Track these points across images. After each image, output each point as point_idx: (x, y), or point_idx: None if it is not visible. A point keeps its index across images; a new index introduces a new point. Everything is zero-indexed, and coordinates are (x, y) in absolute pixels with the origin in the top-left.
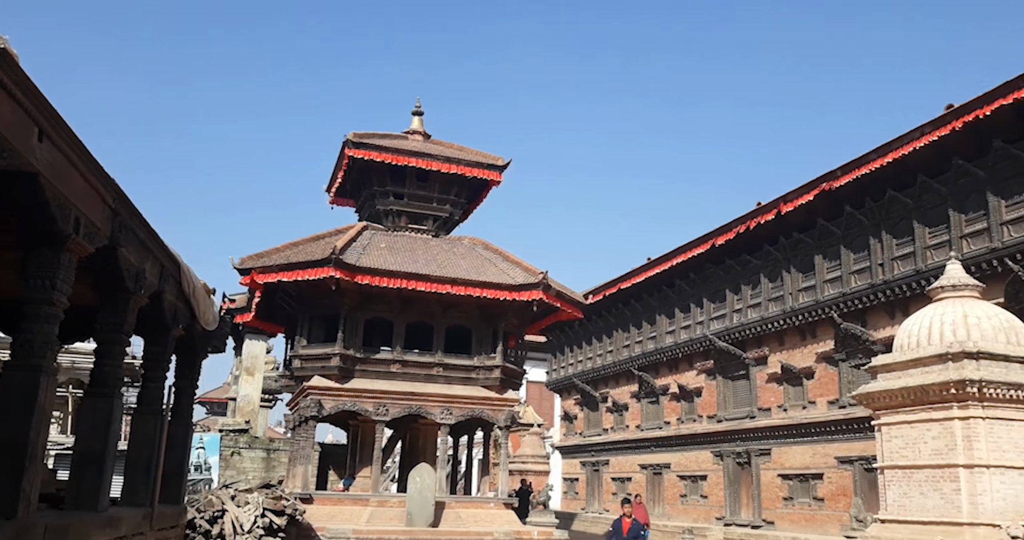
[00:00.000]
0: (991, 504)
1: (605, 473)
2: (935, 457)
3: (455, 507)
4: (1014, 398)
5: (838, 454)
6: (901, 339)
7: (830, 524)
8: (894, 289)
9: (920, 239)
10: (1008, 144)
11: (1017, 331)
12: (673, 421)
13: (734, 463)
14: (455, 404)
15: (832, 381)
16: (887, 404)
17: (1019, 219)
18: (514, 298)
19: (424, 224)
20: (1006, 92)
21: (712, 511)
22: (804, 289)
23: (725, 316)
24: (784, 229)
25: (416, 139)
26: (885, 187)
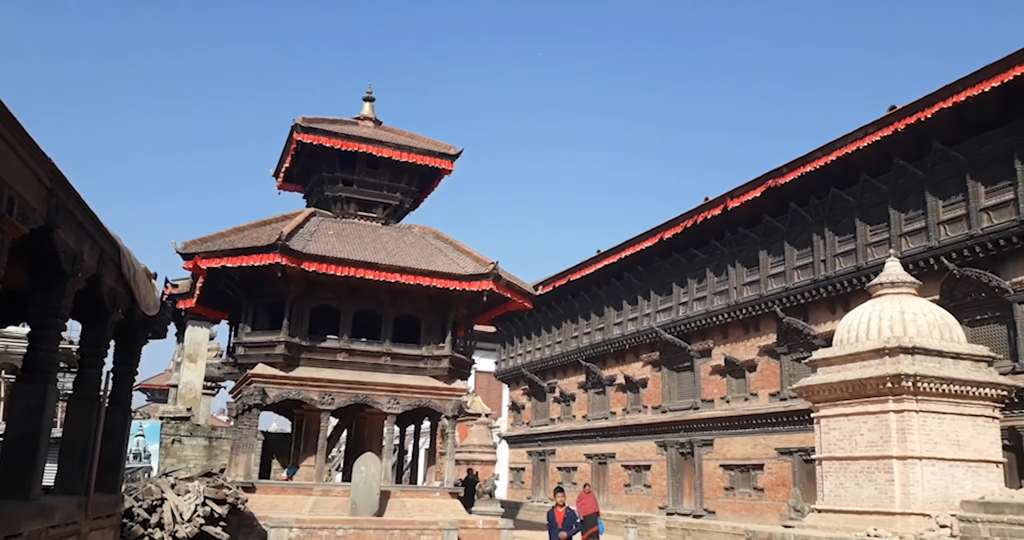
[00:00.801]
0: (922, 494)
1: (551, 463)
2: (871, 449)
3: (400, 497)
4: (946, 392)
5: (778, 445)
6: (841, 334)
7: (769, 514)
8: (835, 285)
9: (861, 236)
10: (947, 146)
11: (951, 327)
12: (619, 412)
13: (677, 453)
14: (403, 394)
15: (774, 374)
16: (826, 397)
17: (955, 219)
18: (464, 288)
19: (374, 212)
20: (946, 96)
21: (655, 500)
22: (748, 283)
23: (671, 309)
24: (730, 224)
25: (367, 125)
26: (829, 185)
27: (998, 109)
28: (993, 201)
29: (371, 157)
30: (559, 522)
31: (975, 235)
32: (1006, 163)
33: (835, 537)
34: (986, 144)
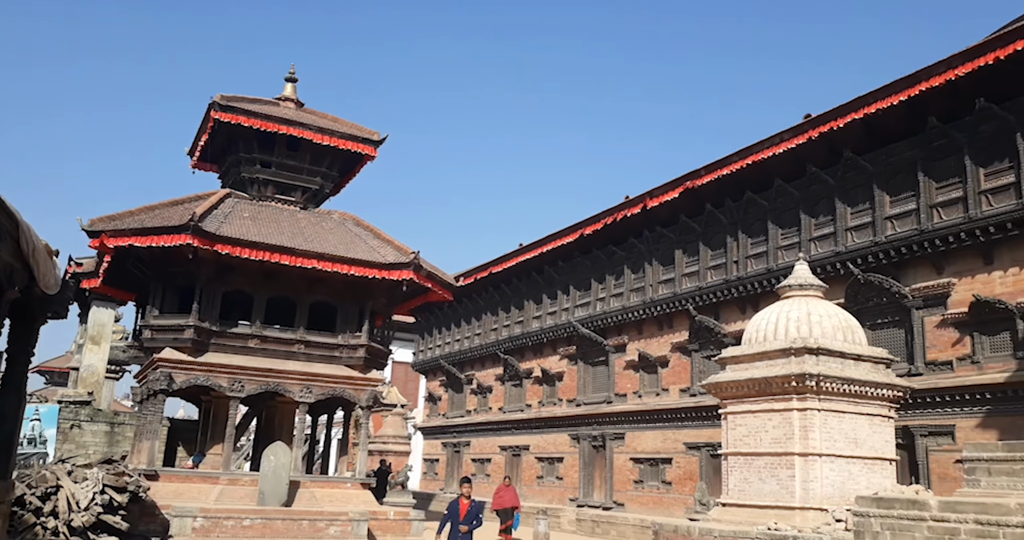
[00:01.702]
0: (821, 490)
1: (466, 454)
2: (774, 445)
3: (310, 487)
4: (847, 392)
5: (687, 440)
6: (750, 333)
7: (676, 507)
8: (746, 285)
9: (773, 239)
10: (857, 155)
11: (854, 330)
12: (535, 404)
13: (590, 446)
14: (316, 382)
15: (685, 370)
16: (734, 394)
17: (862, 226)
18: (383, 277)
19: (292, 195)
20: (858, 107)
21: (567, 492)
22: (664, 281)
23: (589, 304)
24: (649, 223)
25: (288, 106)
26: (744, 188)
27: (905, 122)
28: (897, 210)
29: (291, 139)
30: (462, 514)
31: (879, 242)
32: (910, 174)
33: (738, 531)
34: (893, 155)
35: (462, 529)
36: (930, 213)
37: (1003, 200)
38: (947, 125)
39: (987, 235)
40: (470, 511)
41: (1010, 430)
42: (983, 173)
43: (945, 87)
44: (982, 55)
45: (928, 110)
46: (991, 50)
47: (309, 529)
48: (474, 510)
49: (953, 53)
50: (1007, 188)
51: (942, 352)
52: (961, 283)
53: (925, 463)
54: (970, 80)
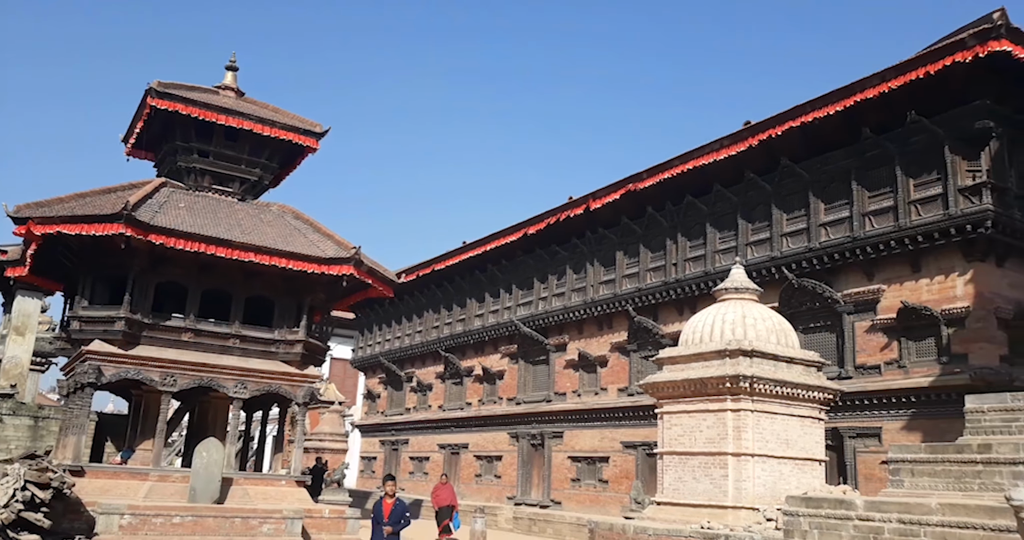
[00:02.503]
0: (752, 489)
1: (404, 452)
2: (708, 445)
3: (243, 484)
4: (779, 394)
5: (624, 439)
6: (687, 334)
7: (612, 505)
8: (684, 288)
9: (711, 243)
10: (794, 163)
11: (787, 333)
12: (475, 402)
13: (528, 445)
14: (251, 378)
15: (623, 370)
16: (670, 394)
17: (797, 232)
18: (323, 272)
19: (230, 186)
20: (796, 115)
21: (505, 490)
22: (605, 282)
23: (531, 303)
24: (591, 224)
25: (228, 95)
26: (684, 192)
27: (841, 132)
28: (831, 217)
29: (230, 129)
30: (385, 514)
31: (813, 248)
32: (844, 183)
33: (671, 529)
34: (828, 164)
35: (386, 530)
36: (862, 221)
37: (931, 210)
38: (880, 136)
39: (915, 244)
40: (394, 511)
41: (933, 432)
42: (913, 184)
43: (879, 99)
44: (913, 70)
45: (862, 121)
46: (922, 65)
47: (242, 527)
48: (399, 510)
49: (887, 67)
50: (935, 199)
51: (871, 356)
52: (890, 290)
53: (853, 464)
54: (902, 93)
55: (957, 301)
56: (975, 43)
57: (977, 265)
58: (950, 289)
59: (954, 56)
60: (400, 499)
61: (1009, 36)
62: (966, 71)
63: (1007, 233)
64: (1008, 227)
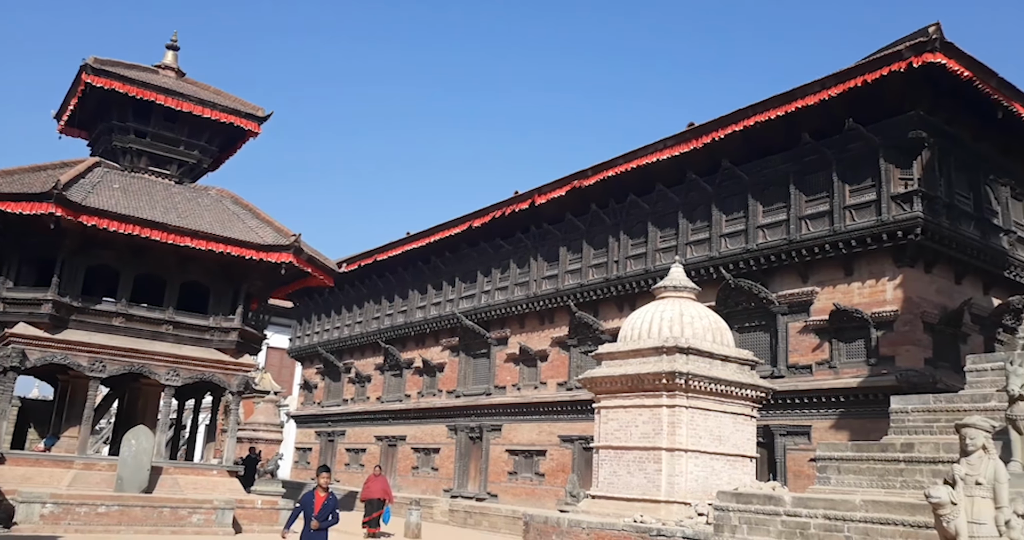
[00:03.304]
0: (685, 484)
1: (340, 443)
2: (644, 440)
3: (173, 473)
4: (714, 391)
5: (561, 433)
6: (626, 331)
7: (548, 498)
8: (625, 285)
9: (652, 241)
10: (734, 165)
11: (722, 331)
12: (414, 395)
13: (467, 437)
14: (184, 365)
15: (563, 364)
16: (608, 389)
17: (735, 233)
18: (261, 258)
19: (167, 168)
20: (738, 119)
21: (441, 483)
22: (548, 277)
23: (474, 296)
24: (536, 219)
25: (168, 75)
26: (628, 191)
27: (781, 136)
28: (769, 220)
29: (169, 110)
30: (316, 508)
31: (751, 249)
32: (783, 186)
33: (605, 523)
34: (768, 167)
35: (313, 525)
36: (799, 224)
37: (864, 216)
38: (818, 142)
39: (848, 248)
40: (326, 505)
41: (860, 432)
42: (848, 189)
43: (818, 106)
44: (852, 78)
45: (802, 126)
46: (860, 74)
47: (170, 517)
48: (331, 504)
49: (827, 74)
50: (868, 205)
51: (803, 356)
52: (823, 292)
53: (783, 461)
54: (841, 101)
55: (887, 305)
56: (911, 55)
57: (906, 270)
58: (880, 293)
59: (891, 66)
60: (333, 494)
61: (943, 50)
62: (902, 81)
63: (935, 240)
64: (936, 234)
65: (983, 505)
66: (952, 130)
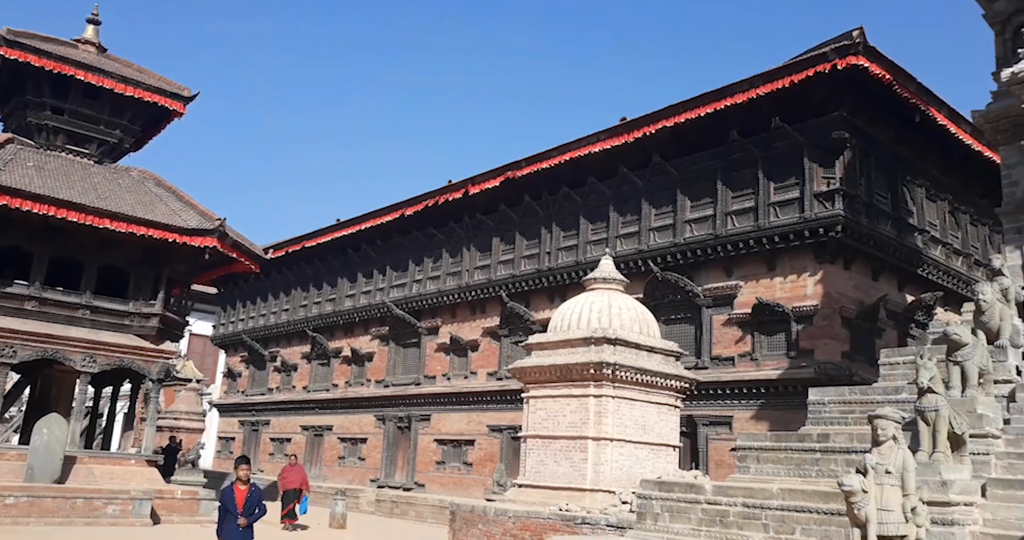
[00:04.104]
0: (610, 473)
1: (264, 433)
2: (571, 429)
3: (88, 463)
4: (640, 381)
5: (491, 422)
6: (556, 321)
7: (475, 487)
8: (556, 276)
9: (583, 234)
10: (665, 160)
11: (649, 323)
12: (341, 384)
13: (395, 427)
14: (101, 352)
15: (494, 354)
16: (537, 379)
17: (664, 227)
18: (184, 243)
19: (86, 147)
20: (669, 115)
21: (368, 473)
22: (480, 267)
23: (405, 285)
24: (469, 209)
25: (88, 50)
26: (561, 183)
27: (710, 133)
28: (696, 215)
29: (89, 86)
30: (239, 503)
31: (678, 243)
32: (710, 183)
33: (531, 511)
34: (697, 163)
35: (240, 523)
36: (725, 220)
37: (788, 213)
38: (746, 139)
39: (772, 244)
40: (249, 499)
41: (779, 422)
42: (773, 187)
43: (747, 104)
44: (780, 78)
45: (730, 124)
46: (787, 75)
47: (84, 508)
48: (254, 497)
49: (756, 73)
50: (792, 202)
51: (726, 348)
52: (747, 286)
53: (705, 450)
54: (768, 100)
55: (807, 299)
56: (835, 57)
57: (827, 266)
58: (801, 288)
59: (816, 68)
60: (255, 485)
61: (866, 53)
62: (826, 83)
63: (855, 237)
64: (856, 232)
65: (892, 493)
66: (873, 132)
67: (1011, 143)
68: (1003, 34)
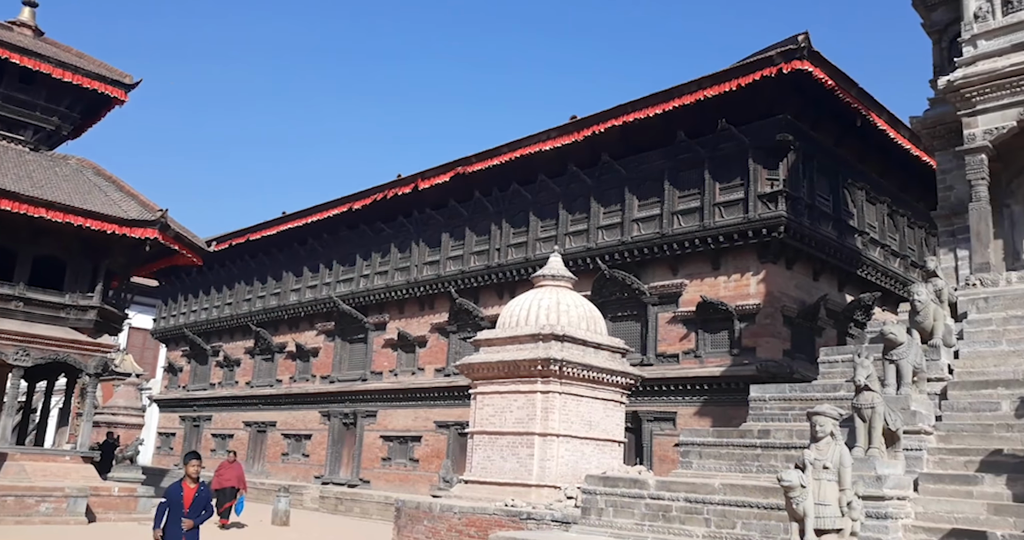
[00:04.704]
0: (556, 468)
1: (206, 429)
2: (518, 425)
3: (20, 460)
4: (586, 378)
5: (437, 419)
6: (504, 318)
7: (422, 484)
8: (506, 272)
9: (533, 231)
10: (614, 159)
11: (596, 320)
12: (286, 380)
13: (340, 423)
14: (35, 345)
15: (442, 350)
16: (485, 375)
17: (612, 225)
18: (124, 234)
19: (21, 133)
20: (618, 114)
21: (312, 470)
22: (429, 263)
23: (353, 280)
24: (419, 204)
25: (24, 33)
26: (511, 180)
27: (658, 133)
28: (644, 214)
29: (25, 70)
30: (186, 503)
31: (626, 242)
32: (658, 182)
33: (476, 507)
34: (645, 163)
35: (186, 524)
36: (671, 219)
37: (733, 213)
38: (693, 140)
39: (717, 243)
40: (198, 498)
41: (722, 418)
42: (719, 187)
43: (694, 106)
44: (727, 80)
45: (678, 125)
46: (735, 77)
47: (15, 506)
48: (203, 497)
49: (703, 75)
50: (737, 203)
51: (671, 346)
52: (692, 285)
53: (650, 445)
54: (716, 102)
55: (750, 298)
56: (781, 61)
57: (769, 266)
58: (745, 287)
59: (763, 71)
60: (204, 484)
61: (810, 58)
62: (772, 86)
63: (797, 238)
64: (798, 233)
65: (829, 487)
66: (816, 135)
67: (946, 149)
68: (940, 43)
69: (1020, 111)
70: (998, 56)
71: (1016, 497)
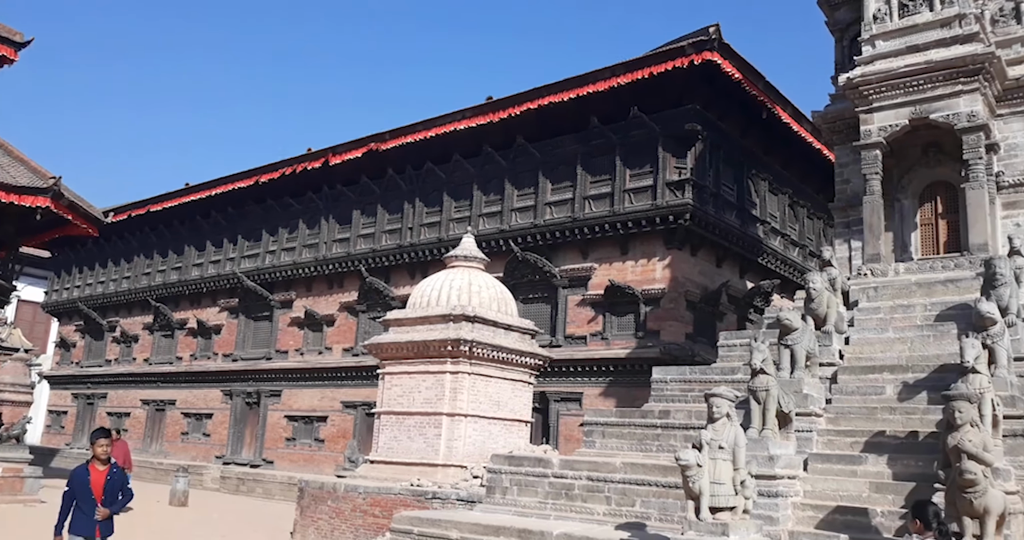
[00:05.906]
0: (463, 448)
1: (101, 407)
2: (426, 405)
3: None
4: (496, 358)
5: (344, 398)
6: (415, 298)
7: (327, 464)
8: (418, 252)
9: (447, 211)
10: (528, 142)
11: (507, 302)
12: (186, 357)
13: (243, 403)
14: None
15: (351, 330)
16: (394, 355)
17: (526, 208)
18: (12, 202)
19: None
20: (534, 97)
21: (213, 450)
22: (339, 240)
23: (258, 256)
24: (329, 179)
25: None
26: (426, 158)
27: (572, 118)
28: (556, 198)
29: None
30: (97, 490)
31: (538, 225)
32: (571, 167)
33: (382, 487)
34: (558, 147)
35: (99, 514)
36: (583, 204)
37: (642, 200)
38: (606, 126)
39: (625, 229)
40: (111, 483)
41: (626, 399)
42: (629, 174)
43: (608, 92)
44: (639, 69)
45: (592, 110)
46: (647, 66)
47: None
48: (117, 480)
49: (617, 62)
50: (646, 190)
51: (579, 328)
52: (601, 269)
53: (556, 425)
54: (628, 89)
55: (656, 283)
56: (692, 52)
57: (675, 252)
58: (651, 272)
59: (674, 61)
60: (116, 466)
61: (720, 50)
62: (683, 76)
63: (702, 225)
64: (703, 220)
65: (724, 467)
66: (723, 125)
67: (845, 143)
68: (841, 42)
69: (912, 110)
70: (894, 57)
71: (896, 476)
